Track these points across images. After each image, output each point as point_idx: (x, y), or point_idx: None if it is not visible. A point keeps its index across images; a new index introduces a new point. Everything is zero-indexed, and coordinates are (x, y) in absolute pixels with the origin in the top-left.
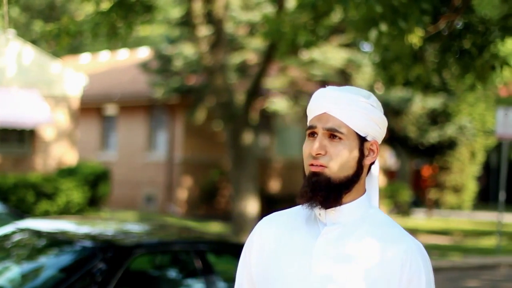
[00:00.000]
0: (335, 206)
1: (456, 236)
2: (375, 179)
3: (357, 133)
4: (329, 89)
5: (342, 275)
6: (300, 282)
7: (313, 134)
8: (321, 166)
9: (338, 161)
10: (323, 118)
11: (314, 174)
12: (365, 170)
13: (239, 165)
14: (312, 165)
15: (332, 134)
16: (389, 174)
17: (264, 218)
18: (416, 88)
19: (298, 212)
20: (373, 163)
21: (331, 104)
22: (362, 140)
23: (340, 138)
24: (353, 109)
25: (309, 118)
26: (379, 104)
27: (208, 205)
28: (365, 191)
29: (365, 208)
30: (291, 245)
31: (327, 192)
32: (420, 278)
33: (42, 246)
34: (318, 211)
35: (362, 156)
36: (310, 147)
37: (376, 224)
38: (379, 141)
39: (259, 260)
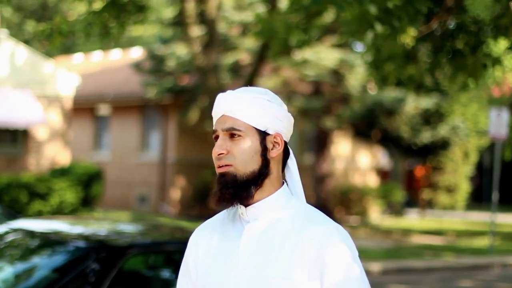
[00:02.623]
0: (247, 202)
1: (449, 236)
2: (294, 172)
3: (257, 129)
4: (226, 92)
5: (268, 270)
6: (231, 281)
7: (216, 138)
8: (226, 165)
9: (241, 158)
10: (221, 121)
11: (221, 175)
12: (273, 163)
13: None
14: (218, 167)
15: (232, 134)
16: (382, 174)
17: (198, 227)
18: (408, 88)
19: (225, 214)
20: (288, 157)
21: (227, 105)
22: (263, 134)
23: (239, 136)
24: (248, 106)
25: (213, 124)
26: (277, 99)
27: (201, 205)
28: (282, 184)
29: (285, 200)
30: (221, 247)
31: (235, 189)
32: (343, 257)
33: (35, 246)
34: (240, 210)
35: (265, 149)
36: (213, 150)
37: (297, 216)
38: (284, 134)
39: (197, 269)
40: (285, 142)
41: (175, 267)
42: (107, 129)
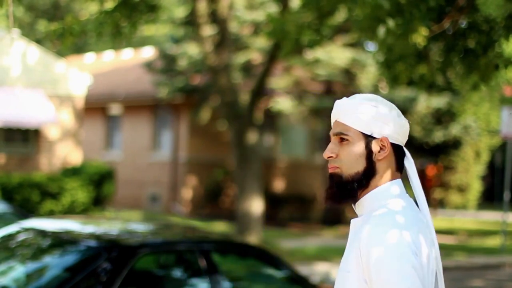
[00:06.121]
0: (354, 200)
1: (461, 235)
2: (410, 175)
3: (363, 133)
4: (341, 99)
5: (343, 263)
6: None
7: None
8: (334, 167)
9: (346, 161)
10: (334, 126)
11: (330, 175)
12: (380, 164)
13: (243, 164)
14: (329, 168)
15: (341, 138)
16: None
17: None
18: (420, 88)
19: None
20: (401, 156)
21: (339, 112)
22: (369, 138)
23: (347, 140)
24: (354, 112)
25: None
26: (387, 104)
27: (213, 205)
28: (385, 182)
29: (383, 199)
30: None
31: (338, 189)
32: (378, 261)
33: (47, 246)
34: (353, 206)
35: (370, 152)
36: (324, 152)
37: (377, 215)
38: (392, 137)
39: None
40: (396, 144)
41: (187, 266)
42: (119, 129)
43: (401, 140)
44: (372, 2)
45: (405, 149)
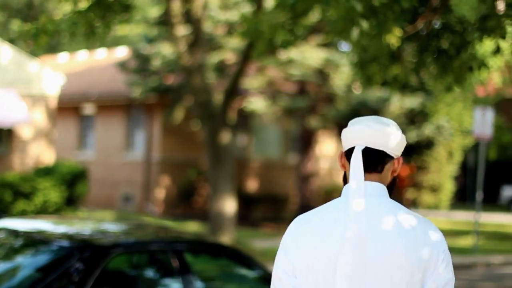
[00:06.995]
0: None
1: None
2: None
3: None
4: None
5: None
6: None
7: None
8: None
9: None
10: None
11: None
12: (346, 171)
13: (216, 164)
14: None
15: None
16: None
17: None
18: (393, 88)
19: None
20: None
21: None
22: None
23: None
24: None
25: None
26: (353, 120)
27: (186, 205)
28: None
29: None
30: None
31: None
32: None
33: (19, 246)
34: None
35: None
36: None
37: None
38: (344, 145)
39: None
40: (350, 151)
41: (159, 266)
42: (92, 128)
43: (351, 143)
44: (345, 4)
45: (357, 149)
